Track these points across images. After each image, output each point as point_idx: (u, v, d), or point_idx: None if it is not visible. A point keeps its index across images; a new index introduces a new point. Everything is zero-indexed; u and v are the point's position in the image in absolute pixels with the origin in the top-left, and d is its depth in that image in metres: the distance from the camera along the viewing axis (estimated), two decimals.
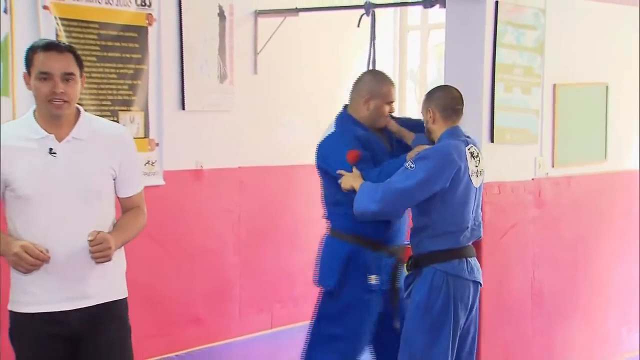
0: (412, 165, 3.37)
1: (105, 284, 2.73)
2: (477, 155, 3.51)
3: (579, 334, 4.96)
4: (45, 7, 4.45)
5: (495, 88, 4.25)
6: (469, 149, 3.47)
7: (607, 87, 5.05)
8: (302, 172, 6.03)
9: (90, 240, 2.57)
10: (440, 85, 3.74)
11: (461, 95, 3.59)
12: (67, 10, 4.54)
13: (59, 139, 2.66)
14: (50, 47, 2.65)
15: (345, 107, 3.85)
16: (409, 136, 3.79)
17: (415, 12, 6.70)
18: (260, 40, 5.69)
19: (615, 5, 4.88)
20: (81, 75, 2.70)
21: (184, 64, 5.23)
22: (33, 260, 2.53)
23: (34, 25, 4.44)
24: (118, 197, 2.84)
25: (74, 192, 2.64)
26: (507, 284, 4.44)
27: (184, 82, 5.24)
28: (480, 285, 3.57)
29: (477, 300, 3.55)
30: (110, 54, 4.79)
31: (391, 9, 6.49)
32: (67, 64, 2.63)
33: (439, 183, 3.36)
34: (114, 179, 2.77)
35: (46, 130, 2.65)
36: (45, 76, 2.60)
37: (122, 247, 2.81)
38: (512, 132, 4.41)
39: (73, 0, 4.57)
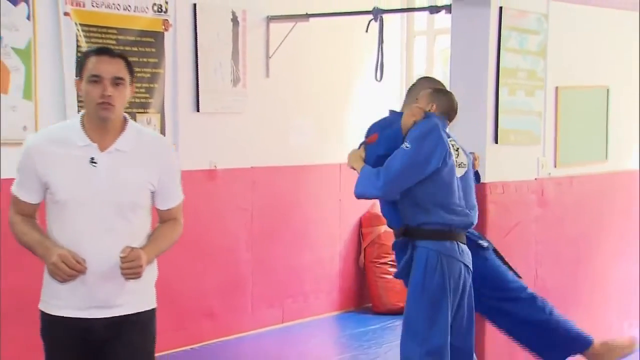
0: (408, 146, 3.41)
1: (135, 295, 2.65)
2: (457, 149, 3.57)
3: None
4: (66, 14, 4.51)
5: (499, 91, 4.27)
6: (450, 141, 3.53)
7: (608, 90, 5.07)
8: (312, 172, 6.08)
9: (122, 257, 2.51)
10: (446, 91, 3.74)
11: (457, 107, 3.62)
12: (87, 16, 4.60)
13: (102, 148, 2.60)
14: (103, 51, 2.64)
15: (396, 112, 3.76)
16: None
17: (421, 17, 6.72)
18: (272, 44, 5.72)
19: (616, 11, 4.90)
20: (131, 83, 2.65)
21: (199, 68, 5.28)
22: (70, 272, 2.49)
23: (55, 31, 4.50)
24: (156, 209, 2.76)
25: (110, 203, 2.58)
26: None
27: (199, 85, 5.29)
28: (471, 270, 3.57)
29: (469, 284, 3.56)
30: (128, 59, 4.84)
31: (398, 15, 6.51)
32: (118, 69, 2.59)
33: (434, 161, 3.41)
34: (152, 192, 2.69)
35: (91, 139, 2.59)
36: (95, 79, 2.56)
37: (155, 259, 2.73)
38: (516, 134, 4.43)
39: (93, 7, 4.63)
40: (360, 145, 3.64)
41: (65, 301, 2.60)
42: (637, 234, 5.31)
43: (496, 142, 4.30)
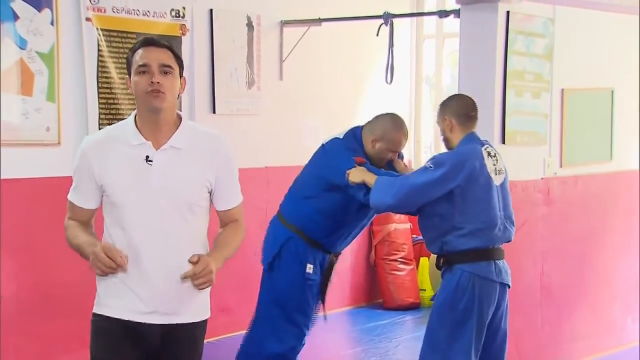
0: (431, 166, 3.34)
1: (192, 303, 2.48)
2: (495, 155, 3.45)
3: (586, 324, 4.95)
4: (87, 19, 4.54)
5: (506, 93, 4.26)
6: (485, 149, 3.43)
7: (612, 91, 5.04)
8: None
9: (192, 263, 2.35)
10: (454, 95, 3.71)
11: (474, 103, 3.55)
12: (108, 21, 4.62)
13: (157, 146, 2.43)
14: (149, 42, 2.47)
15: (362, 127, 3.72)
16: None
17: (430, 21, 6.72)
18: (286, 48, 5.73)
19: (620, 15, 4.88)
20: (181, 75, 2.48)
21: (215, 71, 5.29)
22: (109, 262, 2.31)
23: (77, 36, 4.53)
24: (216, 210, 2.57)
25: (168, 203, 2.41)
26: (518, 277, 4.42)
27: (215, 87, 5.30)
28: (509, 287, 3.47)
29: (506, 300, 3.47)
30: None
31: (408, 19, 6.50)
32: (166, 57, 2.42)
33: (455, 181, 3.30)
34: (210, 192, 2.51)
35: (144, 137, 2.43)
36: (143, 69, 2.40)
37: None
38: (523, 135, 4.42)
39: (113, 12, 4.65)
40: (352, 164, 3.53)
41: (124, 302, 2.42)
42: None
43: (503, 142, 4.29)
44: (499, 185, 3.44)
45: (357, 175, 3.47)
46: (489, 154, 3.43)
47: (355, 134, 3.70)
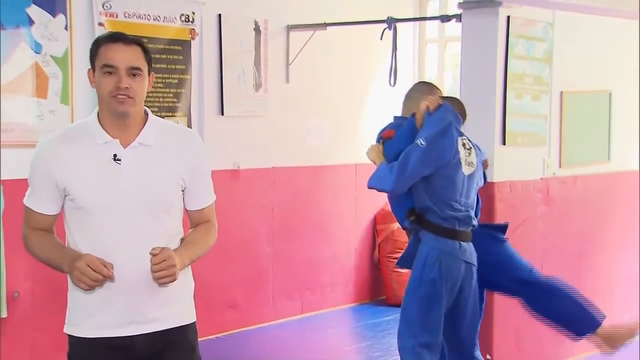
0: (423, 143, 3.39)
1: (174, 307, 2.24)
2: (470, 148, 3.54)
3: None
4: (100, 24, 4.56)
5: (507, 95, 4.27)
6: (462, 139, 3.51)
7: (610, 94, 5.04)
8: (329, 172, 6.10)
9: (152, 256, 2.10)
10: (450, 97, 3.75)
11: (465, 110, 3.61)
12: (120, 26, 4.64)
13: (124, 144, 2.17)
14: (117, 38, 2.16)
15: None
16: None
17: (433, 26, 6.72)
18: (292, 52, 5.75)
19: (618, 19, 4.88)
20: (149, 73, 2.21)
21: (223, 74, 5.31)
22: (95, 275, 2.05)
23: (90, 40, 4.40)
24: (187, 210, 2.32)
25: (140, 204, 2.15)
26: None
27: (223, 90, 5.32)
28: (474, 266, 3.56)
29: (474, 279, 3.56)
30: (157, 65, 4.88)
31: (411, 23, 6.51)
32: (135, 57, 2.14)
33: (445, 158, 3.39)
34: (183, 190, 2.26)
35: (110, 135, 2.17)
36: (109, 70, 2.12)
37: (190, 267, 2.31)
38: (523, 136, 4.43)
39: (125, 17, 4.68)
40: (378, 140, 3.64)
41: (97, 319, 2.16)
42: (638, 230, 5.29)
43: (504, 143, 4.30)
44: (467, 175, 3.51)
45: (373, 153, 3.59)
46: (463, 145, 3.51)
47: (396, 122, 3.73)
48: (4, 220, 4.12)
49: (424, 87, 3.77)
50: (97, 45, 2.18)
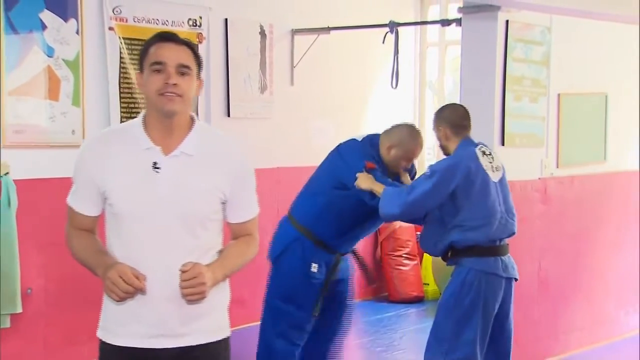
0: (427, 173, 3.34)
1: (204, 323, 2.10)
2: (490, 154, 3.45)
3: (581, 317, 4.97)
4: (110, 29, 4.59)
5: (505, 97, 4.28)
6: (479, 149, 3.43)
7: (606, 96, 5.06)
8: None
9: (181, 271, 1.96)
10: (447, 105, 3.69)
11: (467, 111, 3.53)
12: (130, 30, 4.67)
13: (166, 152, 2.04)
14: (167, 38, 2.07)
15: (379, 135, 3.66)
16: None
17: (434, 30, 6.74)
18: (296, 55, 5.76)
19: (613, 24, 4.90)
20: (198, 77, 2.10)
21: (230, 77, 5.33)
22: (126, 287, 1.94)
23: (101, 44, 4.58)
24: (228, 223, 2.18)
25: (175, 215, 2.03)
26: None
27: (230, 92, 5.34)
28: (516, 280, 3.48)
29: (512, 294, 3.47)
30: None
31: (412, 27, 6.52)
32: (185, 56, 2.05)
33: (448, 187, 3.30)
34: (223, 203, 2.12)
35: (153, 141, 2.05)
36: (158, 67, 2.02)
37: (227, 280, 2.18)
38: (521, 137, 4.44)
39: (134, 22, 4.70)
40: (362, 167, 3.49)
41: (128, 328, 2.07)
42: (633, 228, 5.30)
43: (503, 144, 4.31)
44: (497, 181, 3.43)
45: (365, 181, 3.42)
46: (483, 152, 3.43)
47: (372, 140, 3.64)
48: (18, 219, 4.16)
49: (406, 134, 3.56)
50: (148, 46, 2.08)
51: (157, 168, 2.03)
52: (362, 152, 3.56)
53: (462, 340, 3.35)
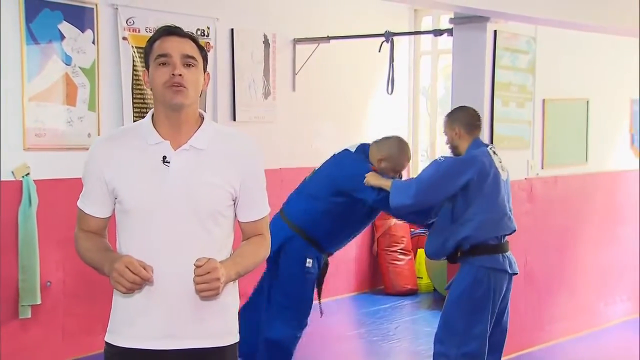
0: (442, 158, 3.33)
1: (213, 325, 1.93)
2: (497, 154, 3.47)
3: (564, 308, 4.99)
4: (124, 39, 4.63)
5: (494, 103, 4.31)
6: (490, 148, 3.44)
7: (587, 102, 5.09)
8: None
9: (196, 267, 1.80)
10: (459, 107, 3.67)
11: (478, 113, 3.55)
12: (142, 40, 4.68)
13: (175, 146, 1.91)
14: (171, 31, 1.94)
15: (370, 145, 3.68)
16: None
17: (427, 39, 6.75)
18: (298, 63, 5.79)
19: (594, 34, 4.93)
20: (204, 69, 1.96)
21: (235, 83, 5.36)
22: (133, 277, 1.79)
23: (115, 53, 4.61)
24: (239, 222, 2.01)
25: (185, 210, 1.88)
26: None
27: (235, 97, 5.36)
28: (516, 274, 3.50)
29: (511, 287, 3.49)
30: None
31: (407, 37, 6.54)
32: (189, 47, 1.92)
33: (466, 173, 3.26)
34: (234, 200, 1.96)
35: (162, 136, 1.91)
36: (163, 60, 1.89)
37: (237, 283, 2.01)
38: (509, 139, 4.47)
39: (146, 32, 4.72)
40: (369, 168, 3.52)
41: (135, 328, 1.91)
42: (613, 226, 5.33)
43: None
44: (505, 180, 3.45)
45: (374, 178, 3.44)
46: (494, 152, 3.45)
47: (364, 149, 3.66)
48: (38, 217, 4.20)
49: (395, 148, 3.58)
50: (152, 41, 1.95)
51: (167, 162, 1.89)
52: (360, 159, 3.61)
53: (473, 334, 3.34)
